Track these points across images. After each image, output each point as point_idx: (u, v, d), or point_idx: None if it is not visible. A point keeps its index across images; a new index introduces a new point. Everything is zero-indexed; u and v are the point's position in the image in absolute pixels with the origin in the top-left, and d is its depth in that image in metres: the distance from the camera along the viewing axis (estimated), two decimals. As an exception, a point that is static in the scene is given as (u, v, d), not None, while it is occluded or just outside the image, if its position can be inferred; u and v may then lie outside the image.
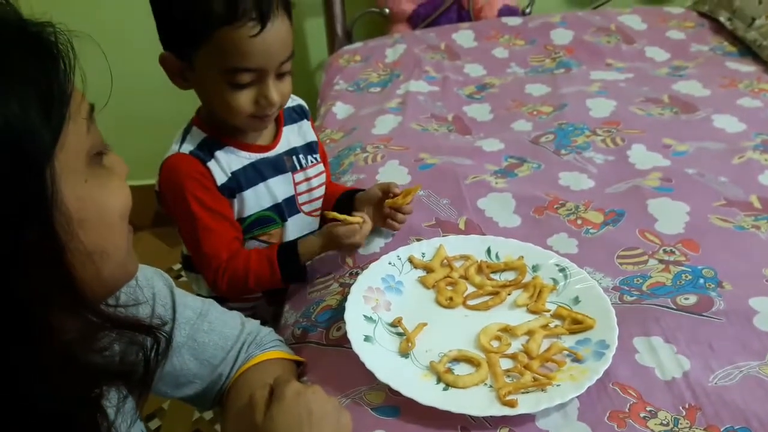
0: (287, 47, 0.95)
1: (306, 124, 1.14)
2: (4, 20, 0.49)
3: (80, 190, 0.51)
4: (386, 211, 1.07)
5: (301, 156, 1.11)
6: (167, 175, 1.00)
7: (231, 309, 0.89)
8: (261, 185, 1.05)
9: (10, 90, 0.46)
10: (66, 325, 0.50)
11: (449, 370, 0.83)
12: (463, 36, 1.97)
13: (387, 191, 1.07)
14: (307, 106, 1.17)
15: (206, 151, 1.01)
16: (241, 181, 1.03)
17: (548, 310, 0.92)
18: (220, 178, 1.01)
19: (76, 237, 0.50)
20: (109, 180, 0.55)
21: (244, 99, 0.95)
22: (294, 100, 1.14)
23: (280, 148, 1.08)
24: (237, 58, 0.91)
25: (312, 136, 1.15)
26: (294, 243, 1.05)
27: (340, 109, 1.67)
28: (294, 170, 1.10)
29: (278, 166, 1.08)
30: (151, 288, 0.78)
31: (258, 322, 0.91)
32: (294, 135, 1.12)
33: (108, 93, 0.59)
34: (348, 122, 1.60)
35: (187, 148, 1.00)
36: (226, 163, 1.02)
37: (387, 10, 2.20)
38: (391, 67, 1.86)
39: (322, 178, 1.15)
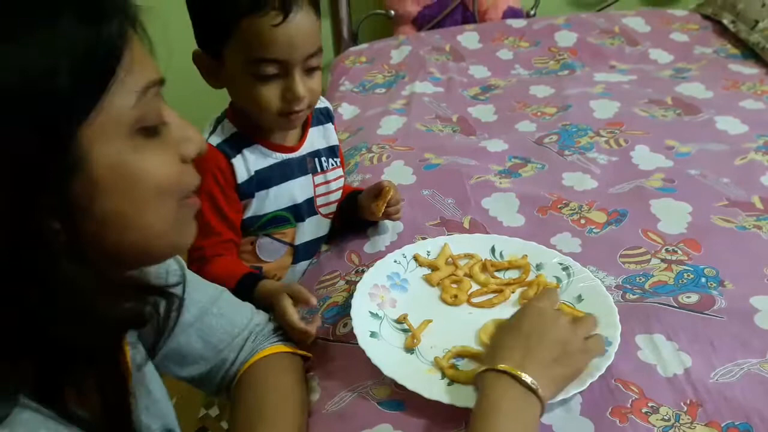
0: (313, 41, 0.95)
1: (330, 127, 1.14)
2: None
3: (111, 159, 0.50)
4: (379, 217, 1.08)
5: (323, 159, 1.11)
6: None
7: None
8: (283, 185, 1.05)
9: (40, 44, 0.45)
10: (82, 277, 0.50)
11: (453, 366, 0.84)
12: (468, 38, 1.98)
13: (377, 194, 1.07)
14: (332, 109, 1.17)
15: (234, 146, 1.01)
16: (263, 180, 1.03)
17: None
18: (242, 176, 1.01)
19: (98, 202, 0.50)
20: (153, 155, 0.54)
21: (271, 93, 0.95)
22: (322, 102, 1.13)
23: (305, 149, 1.08)
24: (260, 47, 0.91)
25: (335, 140, 1.14)
26: (255, 281, 1.00)
27: (346, 110, 1.69)
28: (315, 172, 1.10)
29: (301, 167, 1.08)
30: (166, 266, 0.78)
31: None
32: (319, 137, 1.11)
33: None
34: (354, 123, 1.61)
35: (216, 139, 1.00)
36: (252, 161, 1.02)
37: (392, 12, 2.21)
38: (396, 68, 1.87)
39: (341, 182, 1.15)
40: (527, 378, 0.70)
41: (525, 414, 0.69)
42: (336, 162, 1.14)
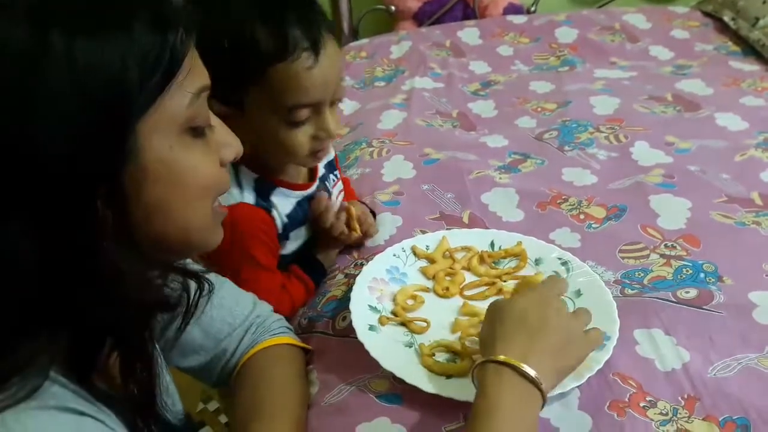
0: (341, 72, 0.91)
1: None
2: None
3: (162, 154, 0.54)
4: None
5: (327, 180, 1.08)
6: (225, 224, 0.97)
7: None
8: (303, 226, 1.04)
9: (117, 43, 0.50)
10: (123, 259, 0.53)
11: (432, 355, 0.84)
12: (469, 33, 1.98)
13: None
14: None
15: (264, 196, 0.97)
16: (292, 223, 1.01)
17: None
18: (279, 225, 0.99)
19: (146, 192, 0.54)
20: (199, 154, 0.58)
21: (303, 136, 0.90)
22: None
23: (318, 178, 1.05)
24: (294, 94, 0.86)
25: (332, 154, 1.11)
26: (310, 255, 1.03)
27: (347, 105, 1.69)
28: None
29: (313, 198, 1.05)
30: None
31: (270, 307, 0.92)
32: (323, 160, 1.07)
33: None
34: (354, 117, 1.61)
35: (249, 197, 0.96)
36: (281, 207, 0.99)
37: (393, 8, 2.22)
38: (396, 63, 1.87)
39: (342, 193, 1.14)
40: (530, 371, 0.68)
41: (527, 409, 0.68)
42: (336, 175, 1.12)
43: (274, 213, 0.98)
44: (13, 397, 0.48)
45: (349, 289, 0.93)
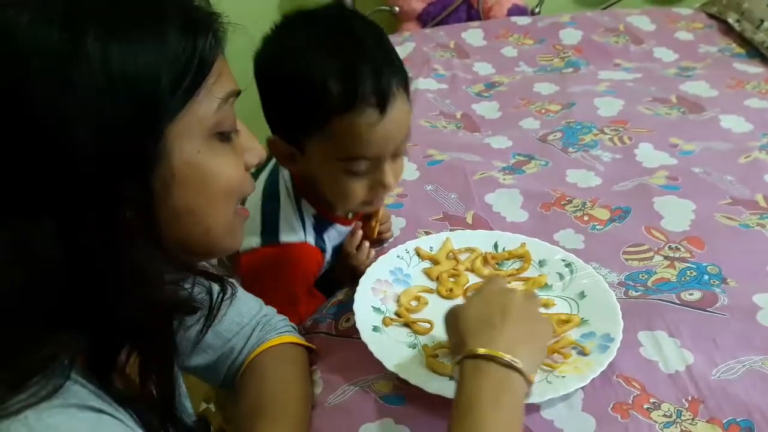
0: (407, 128, 0.90)
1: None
2: None
3: (189, 157, 0.55)
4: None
5: None
6: (284, 257, 0.96)
7: None
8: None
9: (149, 47, 0.51)
10: (150, 260, 0.54)
11: (435, 356, 0.84)
12: (473, 35, 1.98)
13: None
14: None
15: (320, 234, 0.98)
16: (333, 252, 1.03)
17: None
18: (326, 260, 1.01)
19: (173, 194, 0.55)
20: (225, 158, 0.59)
21: (359, 186, 0.90)
22: None
23: None
24: (354, 147, 0.85)
25: None
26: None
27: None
28: None
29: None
30: None
31: (275, 309, 0.92)
32: None
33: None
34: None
35: (311, 237, 0.97)
36: (332, 242, 1.01)
37: (397, 9, 2.21)
38: (400, 64, 1.87)
39: None
40: (506, 356, 0.66)
41: (508, 395, 0.65)
42: None
43: (327, 250, 1.01)
44: (35, 396, 0.49)
45: (353, 291, 0.93)
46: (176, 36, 0.52)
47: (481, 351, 0.67)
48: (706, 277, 0.98)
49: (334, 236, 1.02)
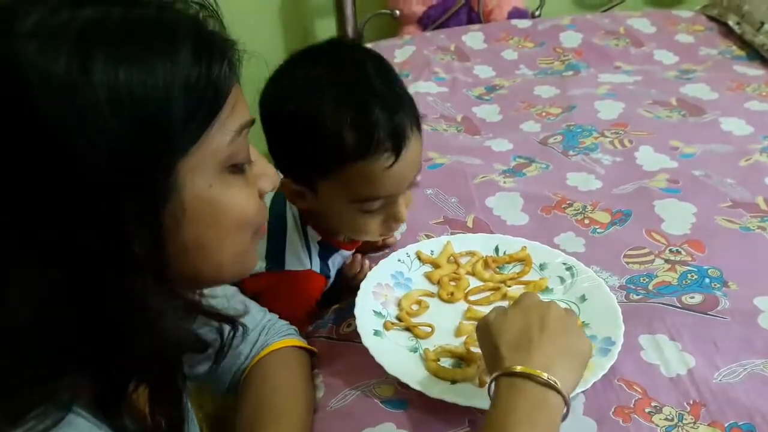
0: (419, 165, 0.91)
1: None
2: (183, 15, 0.54)
3: (202, 191, 0.54)
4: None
5: None
6: (288, 285, 0.97)
7: None
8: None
9: (159, 73, 0.49)
10: (158, 298, 0.53)
11: (437, 360, 0.85)
12: (473, 38, 1.98)
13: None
14: None
15: (325, 261, 0.99)
16: (336, 273, 1.03)
17: None
18: (329, 283, 1.02)
19: (183, 229, 0.53)
20: (238, 191, 0.57)
21: (374, 223, 0.91)
22: None
23: None
24: (369, 189, 0.86)
25: None
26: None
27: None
28: None
29: None
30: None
31: (277, 315, 0.92)
32: None
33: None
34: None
35: (316, 264, 0.97)
36: (335, 266, 1.02)
37: (397, 12, 2.21)
38: (400, 67, 1.87)
39: None
40: (543, 374, 0.65)
41: (544, 414, 0.64)
42: None
43: (331, 275, 1.01)
44: (33, 429, 0.48)
45: (354, 295, 0.93)
46: (187, 60, 0.51)
47: (518, 369, 0.66)
48: (707, 280, 0.98)
49: (338, 261, 1.02)
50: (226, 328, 0.65)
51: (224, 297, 0.78)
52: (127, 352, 0.53)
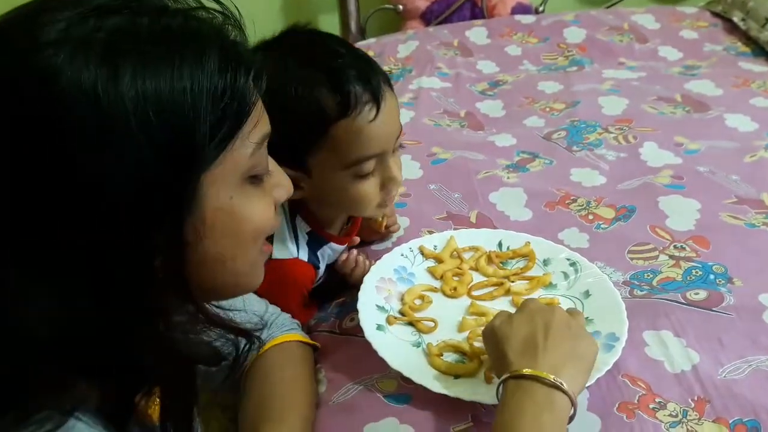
0: (399, 121, 0.92)
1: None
2: (208, 25, 0.53)
3: (222, 203, 0.53)
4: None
5: None
6: (275, 274, 0.94)
7: None
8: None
9: (185, 86, 0.48)
10: (176, 311, 0.53)
11: (440, 355, 0.84)
12: (477, 33, 1.97)
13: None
14: None
15: (314, 251, 0.98)
16: (326, 268, 1.03)
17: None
18: (319, 275, 1.01)
19: (203, 241, 0.52)
20: (256, 201, 0.57)
21: (372, 188, 0.91)
22: None
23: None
24: (360, 147, 0.87)
25: None
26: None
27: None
28: None
29: None
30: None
31: (279, 308, 0.92)
32: None
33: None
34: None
35: (304, 254, 0.96)
36: (325, 260, 1.01)
37: (401, 7, 2.21)
38: (404, 62, 1.87)
39: None
40: (549, 376, 0.66)
41: (551, 416, 0.65)
42: None
43: (321, 267, 1.00)
44: None
45: (357, 289, 0.93)
46: (215, 74, 0.50)
47: (526, 371, 0.67)
48: (711, 276, 0.97)
49: (329, 255, 1.01)
50: (242, 340, 0.65)
51: (242, 310, 0.78)
52: (141, 363, 0.52)
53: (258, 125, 0.55)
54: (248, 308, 0.85)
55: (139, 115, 0.46)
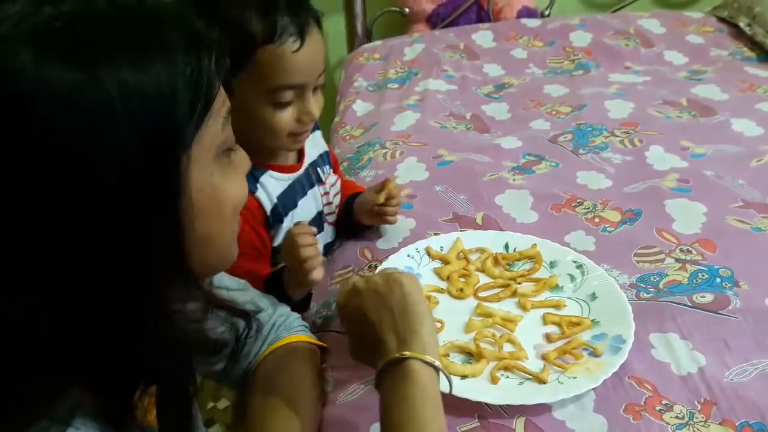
0: (323, 59, 0.96)
1: (318, 134, 1.13)
2: (166, 9, 0.53)
3: (203, 181, 0.53)
4: (375, 210, 1.08)
5: (319, 168, 1.10)
6: None
7: None
8: (299, 206, 1.04)
9: (158, 68, 0.48)
10: (175, 298, 0.53)
11: (446, 355, 0.85)
12: (482, 36, 1.98)
13: (381, 190, 1.07)
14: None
15: (251, 178, 0.97)
16: (284, 205, 1.01)
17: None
18: (267, 207, 1.00)
19: (193, 222, 0.52)
20: (232, 176, 0.57)
21: (287, 117, 0.94)
22: None
23: (306, 162, 1.07)
24: (281, 75, 0.91)
25: (324, 146, 1.13)
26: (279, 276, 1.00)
27: (360, 107, 1.69)
28: (319, 182, 1.08)
29: (308, 181, 1.06)
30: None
31: (288, 307, 0.92)
32: (311, 146, 1.09)
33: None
34: (367, 119, 1.62)
35: None
36: (270, 188, 1.00)
37: (407, 10, 2.21)
38: (410, 65, 1.87)
39: (338, 187, 1.14)
40: (395, 354, 0.67)
41: (413, 385, 0.66)
42: (330, 168, 1.13)
43: (260, 194, 0.99)
44: None
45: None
46: (182, 57, 0.50)
47: (380, 364, 0.69)
48: (718, 279, 0.97)
49: (273, 184, 1.00)
50: (241, 325, 0.65)
51: (241, 290, 0.78)
52: (140, 356, 0.52)
53: (225, 100, 0.56)
54: (257, 307, 0.86)
55: (122, 105, 0.46)
